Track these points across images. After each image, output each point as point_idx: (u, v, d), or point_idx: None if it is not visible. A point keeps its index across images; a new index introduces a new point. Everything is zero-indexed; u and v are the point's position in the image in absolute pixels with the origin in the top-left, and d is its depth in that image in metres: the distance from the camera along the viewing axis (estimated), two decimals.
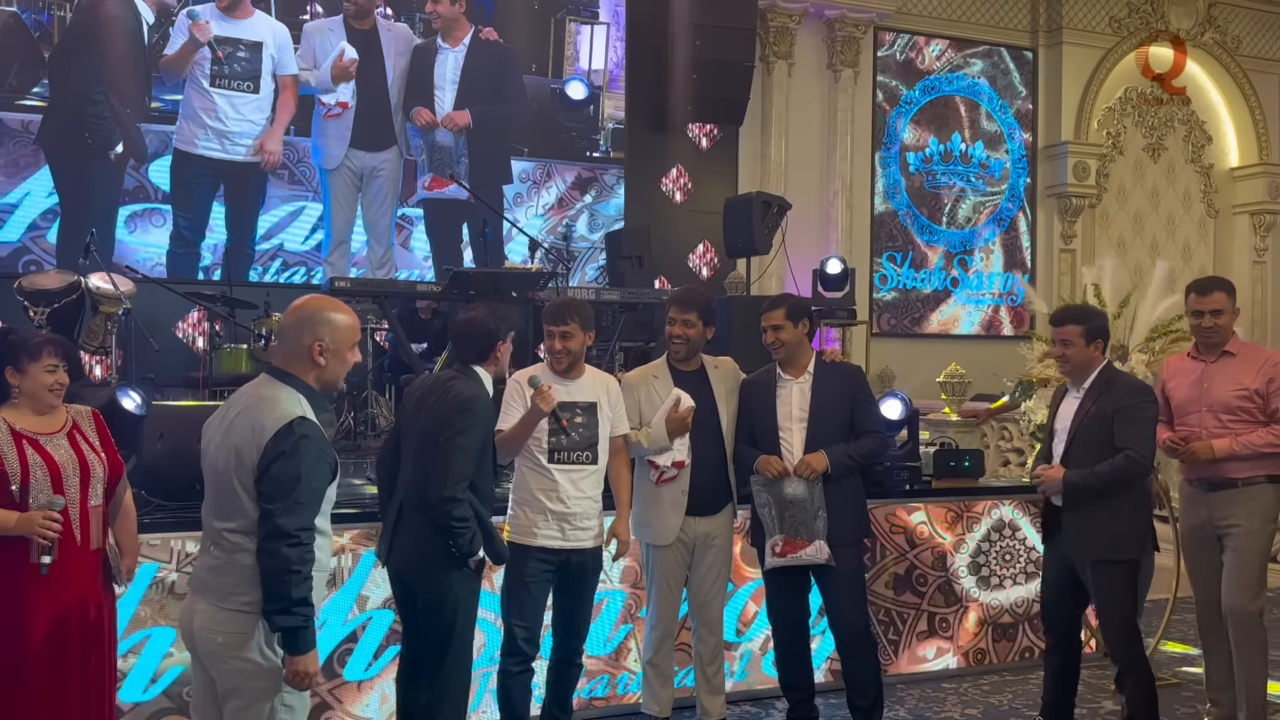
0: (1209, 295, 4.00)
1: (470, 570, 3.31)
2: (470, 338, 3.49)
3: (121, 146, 7.66)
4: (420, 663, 3.37)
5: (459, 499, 3.22)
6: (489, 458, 3.41)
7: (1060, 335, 3.90)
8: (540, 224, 8.91)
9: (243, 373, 6.49)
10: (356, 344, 2.72)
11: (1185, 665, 5.15)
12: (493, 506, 3.46)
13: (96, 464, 3.07)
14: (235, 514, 2.58)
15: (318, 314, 2.67)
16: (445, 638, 3.31)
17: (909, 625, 4.92)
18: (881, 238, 10.39)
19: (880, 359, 10.00)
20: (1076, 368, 3.90)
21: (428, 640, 3.34)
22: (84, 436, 3.09)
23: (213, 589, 2.60)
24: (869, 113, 10.31)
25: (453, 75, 8.64)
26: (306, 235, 8.31)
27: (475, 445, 3.29)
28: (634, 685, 4.40)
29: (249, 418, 2.59)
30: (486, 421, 3.40)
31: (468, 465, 3.25)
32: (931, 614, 4.97)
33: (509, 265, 5.62)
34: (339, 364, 2.67)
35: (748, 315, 5.70)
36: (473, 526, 3.25)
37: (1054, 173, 10.94)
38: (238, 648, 2.55)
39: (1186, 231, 11.59)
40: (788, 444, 3.91)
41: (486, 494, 3.40)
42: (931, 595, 4.97)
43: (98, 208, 7.61)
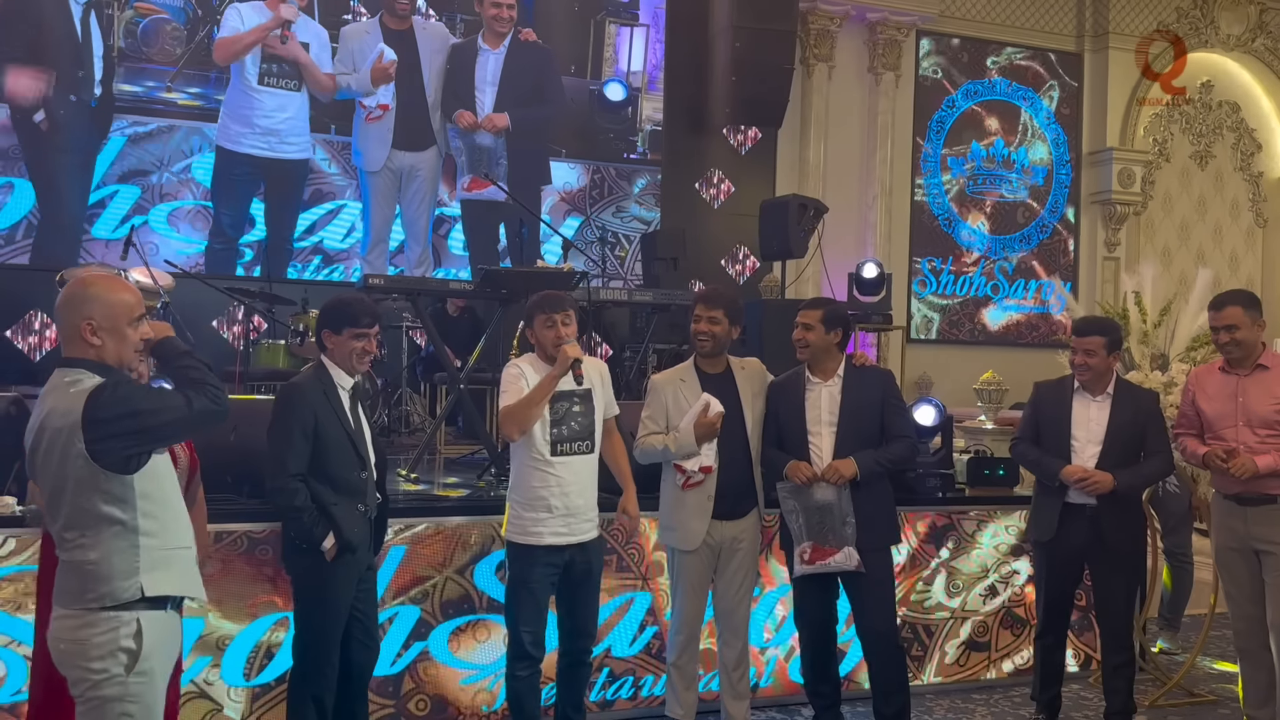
0: (1221, 310, 3.96)
1: (324, 558, 3.31)
2: (320, 319, 3.52)
3: (43, 114, 7.53)
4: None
5: (286, 488, 3.28)
6: (337, 447, 3.36)
7: (1085, 345, 4.07)
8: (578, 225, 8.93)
9: (280, 368, 6.58)
10: (139, 319, 2.54)
11: (1223, 682, 5.04)
12: (370, 498, 3.45)
13: (182, 455, 3.14)
14: (66, 513, 2.45)
15: (83, 293, 2.51)
16: (299, 625, 3.44)
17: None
18: (920, 242, 10.29)
19: (917, 365, 9.90)
20: (1097, 376, 4.09)
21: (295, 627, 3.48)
22: None
23: (61, 594, 2.49)
24: (910, 116, 10.22)
25: (493, 76, 8.69)
26: (345, 233, 8.39)
27: (291, 434, 3.29)
28: (659, 687, 4.39)
29: (56, 406, 2.43)
30: (299, 411, 3.32)
31: (288, 455, 3.28)
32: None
33: (540, 265, 5.63)
34: (118, 341, 2.51)
35: (782, 318, 5.67)
36: (308, 516, 3.28)
37: (1098, 179, 10.78)
38: (77, 655, 2.45)
39: (1234, 240, 11.37)
40: (816, 448, 3.87)
41: (347, 483, 3.37)
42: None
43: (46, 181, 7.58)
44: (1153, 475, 4.16)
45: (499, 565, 4.21)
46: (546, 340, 3.70)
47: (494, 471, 5.14)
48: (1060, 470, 4.07)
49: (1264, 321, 3.97)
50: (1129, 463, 4.03)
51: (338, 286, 8.05)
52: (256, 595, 3.90)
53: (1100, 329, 4.13)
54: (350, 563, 3.40)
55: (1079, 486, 4.04)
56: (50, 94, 7.56)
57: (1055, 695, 4.35)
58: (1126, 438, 4.04)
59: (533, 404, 3.60)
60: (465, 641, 4.17)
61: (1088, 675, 5.02)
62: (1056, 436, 4.14)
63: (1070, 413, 4.13)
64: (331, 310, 3.47)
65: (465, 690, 4.17)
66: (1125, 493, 4.03)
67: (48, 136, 7.55)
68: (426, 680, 4.12)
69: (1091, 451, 4.05)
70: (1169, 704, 4.69)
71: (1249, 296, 4.00)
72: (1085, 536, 4.07)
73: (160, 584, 2.49)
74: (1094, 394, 4.12)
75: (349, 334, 3.42)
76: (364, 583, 3.53)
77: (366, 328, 3.43)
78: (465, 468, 5.89)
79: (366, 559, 3.52)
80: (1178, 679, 4.81)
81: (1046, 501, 4.18)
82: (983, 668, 4.95)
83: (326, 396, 3.39)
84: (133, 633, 2.45)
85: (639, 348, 6.66)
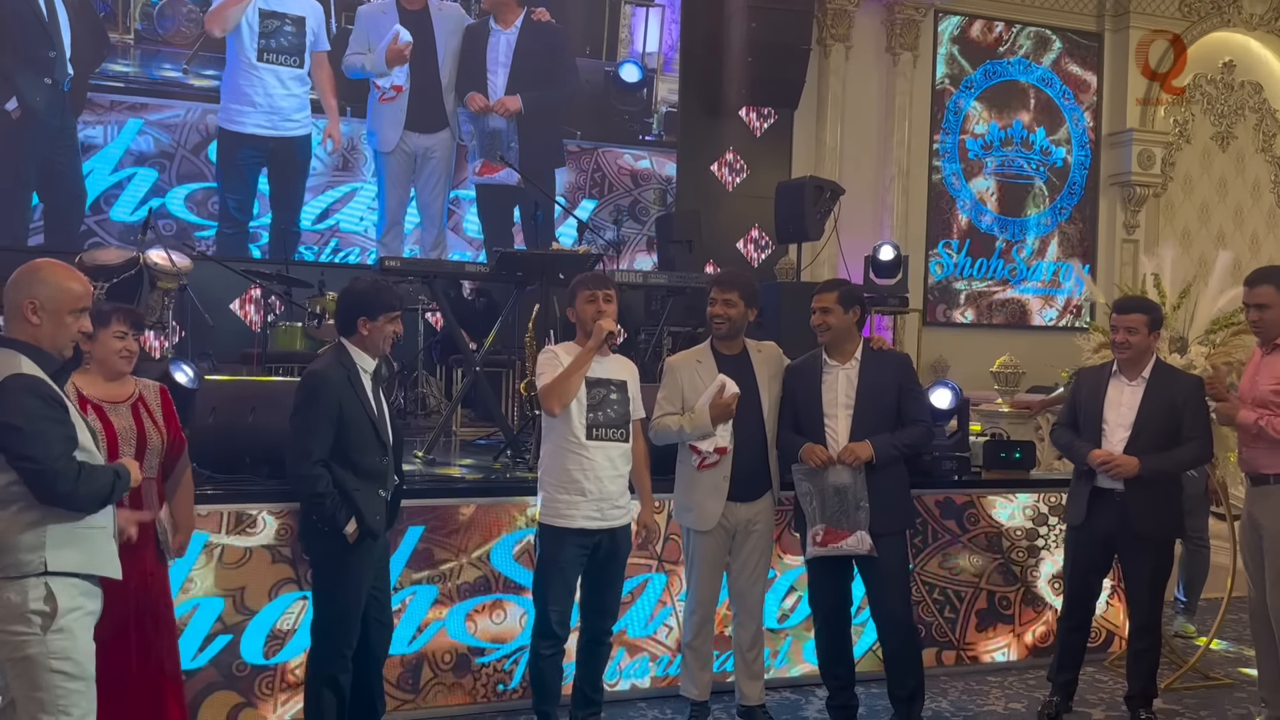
0: (1255, 288, 3.95)
1: (344, 542, 3.34)
2: (340, 307, 3.54)
3: (15, 102, 7.40)
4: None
5: (309, 475, 3.31)
6: (359, 432, 3.38)
7: (1126, 323, 4.04)
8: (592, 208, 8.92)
9: (297, 350, 6.61)
10: (81, 311, 2.65)
11: (1240, 666, 5.03)
12: (389, 481, 3.49)
13: (154, 436, 3.15)
14: None
15: (33, 274, 2.64)
16: (317, 607, 3.48)
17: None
18: (937, 224, 10.23)
19: (933, 348, 9.86)
20: (1137, 355, 4.06)
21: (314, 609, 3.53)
22: (147, 409, 3.19)
23: None
24: (928, 97, 10.14)
25: (505, 57, 8.66)
26: (361, 216, 8.40)
27: (316, 421, 3.32)
28: (674, 668, 4.41)
29: None
30: (324, 398, 3.34)
31: (312, 441, 3.31)
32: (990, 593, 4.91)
33: (556, 247, 5.62)
34: (55, 325, 2.61)
35: (798, 301, 5.65)
36: (330, 501, 3.31)
37: (1118, 161, 10.68)
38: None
39: (1255, 223, 11.25)
40: (833, 431, 3.87)
41: (370, 469, 3.41)
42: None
43: (18, 168, 7.47)
44: (1184, 461, 4.08)
45: (514, 547, 4.23)
46: (587, 316, 3.74)
47: (510, 454, 5.16)
48: (1087, 454, 4.06)
49: None
50: (1161, 448, 3.99)
51: (353, 269, 8.06)
52: (276, 576, 3.93)
53: (1142, 307, 4.12)
54: (370, 547, 3.42)
55: (1103, 470, 4.03)
56: (20, 80, 7.41)
57: (1072, 679, 4.35)
58: (1160, 423, 4.00)
59: (571, 375, 3.64)
60: (482, 621, 4.20)
61: (1103, 658, 5.02)
62: (1090, 420, 4.14)
63: (1104, 396, 4.12)
64: (367, 296, 3.47)
65: (482, 669, 4.20)
66: (1152, 478, 3.99)
67: (23, 124, 7.44)
68: (444, 659, 4.15)
69: (1120, 435, 4.04)
70: (1185, 687, 4.69)
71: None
72: (1113, 521, 4.05)
73: (66, 561, 2.56)
74: (1129, 378, 4.09)
75: (384, 319, 3.45)
76: (381, 559, 3.58)
77: (398, 309, 3.49)
78: (481, 450, 5.91)
79: (384, 541, 3.55)
80: (1193, 662, 4.80)
81: (1078, 486, 4.19)
82: (1007, 640, 4.94)
83: (350, 382, 3.41)
84: (42, 596, 2.53)
85: (654, 330, 6.66)
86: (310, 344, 6.58)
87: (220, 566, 3.86)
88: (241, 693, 3.89)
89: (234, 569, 3.88)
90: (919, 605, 4.69)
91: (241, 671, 3.89)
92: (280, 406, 3.95)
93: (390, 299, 3.47)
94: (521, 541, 4.23)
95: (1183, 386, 4.06)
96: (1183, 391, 4.04)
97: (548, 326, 5.07)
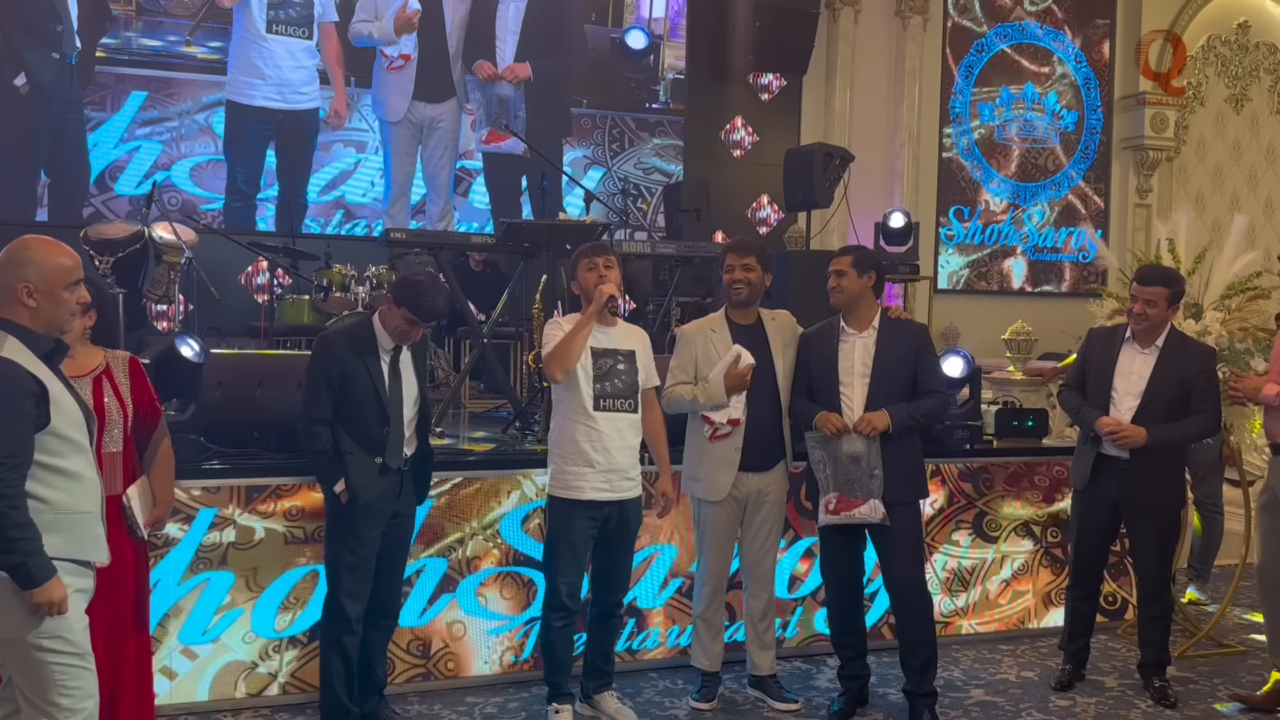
0: None
1: (337, 498, 3.46)
2: (392, 286, 3.64)
3: (24, 78, 7.41)
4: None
5: (311, 432, 3.47)
6: (360, 399, 3.45)
7: (1147, 294, 3.99)
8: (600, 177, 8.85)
9: (304, 323, 6.59)
10: (75, 284, 2.61)
11: (1253, 632, 5.01)
12: (392, 452, 3.49)
13: (115, 410, 3.06)
14: None
15: (22, 255, 2.58)
16: (326, 568, 3.62)
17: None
18: (949, 191, 10.13)
19: (944, 315, 9.79)
20: (1153, 326, 4.02)
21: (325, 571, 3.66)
22: (113, 382, 3.10)
23: None
24: (938, 61, 10.01)
25: (514, 24, 8.57)
26: (367, 188, 8.36)
27: (314, 381, 3.47)
28: (684, 638, 4.41)
29: None
30: (324, 361, 3.47)
31: (313, 401, 3.47)
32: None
33: (563, 217, 5.58)
34: (52, 305, 2.57)
35: (808, 270, 5.60)
36: (324, 459, 3.46)
37: (1131, 124, 10.55)
38: None
39: (1269, 186, 11.11)
40: (848, 400, 3.82)
41: (366, 435, 3.46)
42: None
43: (26, 143, 7.45)
44: (1192, 433, 4.03)
45: (525, 518, 4.22)
46: (588, 284, 3.70)
47: (519, 425, 5.14)
48: (1095, 421, 4.04)
49: None
50: (1170, 417, 3.96)
51: (360, 241, 8.03)
52: (286, 549, 3.93)
53: (1165, 279, 4.03)
54: (369, 511, 3.47)
55: (1110, 439, 4.00)
56: (28, 56, 7.37)
57: (1083, 647, 4.34)
58: (1170, 393, 3.96)
59: (573, 340, 3.61)
60: (492, 594, 4.20)
61: (1116, 625, 5.01)
62: (1099, 385, 4.11)
63: (1115, 363, 4.09)
64: (403, 286, 3.51)
65: (493, 641, 4.20)
66: (1158, 448, 3.96)
67: (32, 100, 7.40)
68: (455, 634, 4.15)
69: (1129, 404, 4.02)
70: (1198, 654, 4.67)
71: None
72: (1118, 488, 4.06)
73: (47, 546, 2.50)
74: (1142, 346, 4.05)
75: (403, 314, 3.48)
76: (393, 531, 3.59)
77: (419, 319, 3.49)
78: (490, 422, 5.90)
79: (390, 508, 3.55)
80: (1207, 629, 4.78)
81: (1083, 450, 4.19)
82: (1024, 608, 4.94)
83: (357, 350, 3.48)
84: None
85: (662, 300, 6.62)
86: (317, 317, 6.56)
87: (229, 543, 3.86)
88: (246, 654, 3.91)
89: (246, 548, 3.88)
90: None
91: (251, 642, 3.91)
92: (287, 380, 3.94)
93: (416, 304, 3.45)
94: (531, 514, 4.22)
95: (1195, 358, 4.01)
96: (1195, 363, 3.99)
97: (555, 298, 5.04)
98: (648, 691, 4.18)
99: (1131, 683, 4.32)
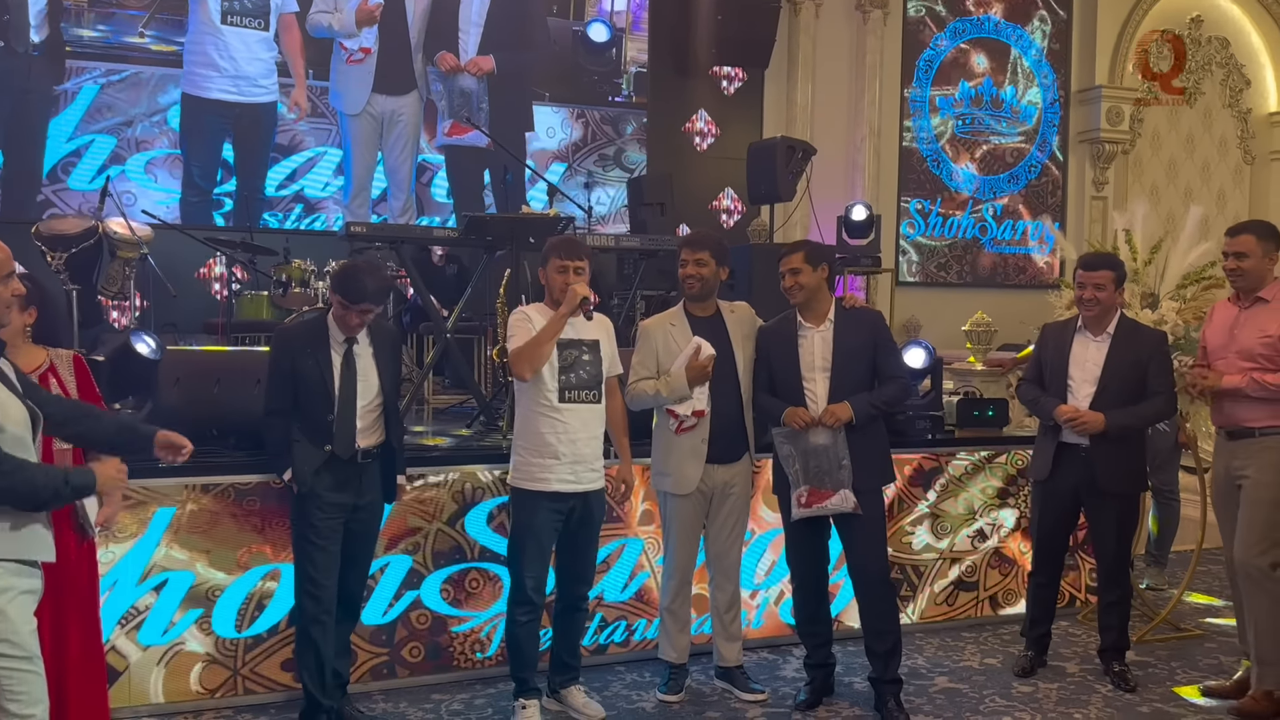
0: (1236, 237, 3.93)
1: (292, 489, 3.51)
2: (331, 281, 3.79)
3: None
4: None
5: (265, 423, 3.58)
6: (309, 389, 3.47)
7: (1093, 280, 4.07)
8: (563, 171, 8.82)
9: (263, 319, 6.50)
10: (6, 277, 2.56)
11: (1210, 616, 5.10)
12: (336, 440, 3.46)
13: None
14: None
15: None
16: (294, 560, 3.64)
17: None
18: (909, 183, 10.20)
19: (906, 307, 9.86)
20: (1104, 311, 4.10)
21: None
22: (59, 380, 3.05)
23: None
24: (898, 55, 10.07)
25: (478, 16, 8.50)
26: (327, 181, 8.26)
27: (270, 373, 3.55)
28: (651, 631, 4.41)
29: None
30: (277, 352, 3.56)
31: (269, 392, 3.56)
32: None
33: (526, 210, 5.55)
34: None
35: (771, 263, 5.59)
36: (273, 448, 3.55)
37: (1087, 118, 10.68)
38: None
39: (1222, 178, 11.31)
40: (812, 393, 3.84)
41: (313, 424, 3.48)
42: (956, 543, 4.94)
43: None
44: (1150, 416, 4.10)
45: (490, 514, 4.20)
46: (556, 284, 3.67)
47: (483, 420, 5.11)
48: (1053, 409, 4.09)
49: (1277, 255, 3.90)
50: (1127, 403, 4.02)
51: (320, 236, 7.94)
52: (246, 547, 3.88)
53: (1109, 263, 4.14)
54: (323, 501, 3.48)
55: (1069, 426, 4.06)
56: None
57: (1045, 633, 4.39)
58: (1125, 378, 4.03)
59: (543, 341, 3.59)
60: (457, 590, 4.17)
61: (1076, 612, 5.07)
62: (1056, 376, 4.18)
63: (1069, 352, 4.15)
64: (337, 273, 3.58)
65: (458, 637, 4.18)
66: (1118, 433, 4.02)
67: None
68: (420, 628, 4.12)
69: (1086, 391, 4.08)
70: (1156, 639, 4.75)
71: (1267, 227, 3.95)
72: (1079, 475, 4.11)
73: None
74: (1094, 334, 4.12)
75: (337, 299, 3.48)
76: (355, 526, 3.57)
77: (348, 302, 3.46)
78: (454, 418, 5.86)
79: (349, 501, 3.52)
80: (1165, 614, 4.86)
81: (1044, 441, 4.25)
82: (971, 608, 4.99)
83: (309, 342, 3.52)
84: None
85: (626, 294, 6.60)
86: (276, 313, 6.47)
87: (186, 541, 3.80)
88: (206, 653, 3.86)
89: (202, 541, 3.82)
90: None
91: (211, 640, 3.85)
92: (245, 377, 3.89)
93: (351, 292, 3.44)
94: (495, 508, 4.20)
95: (1147, 342, 4.09)
96: (1147, 346, 4.07)
97: (519, 291, 5.01)
98: (615, 685, 4.18)
99: (1092, 668, 4.38)
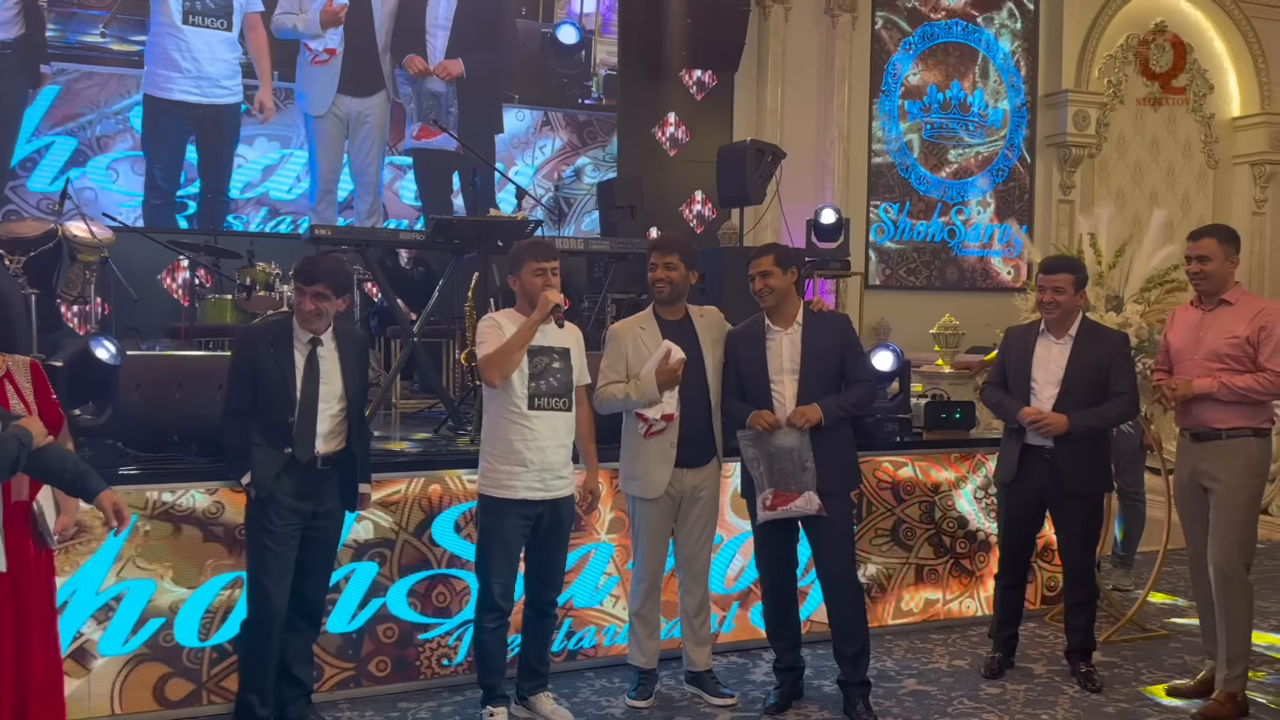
0: (1198, 240, 3.96)
1: (252, 495, 3.46)
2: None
3: None
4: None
5: (224, 424, 3.50)
6: (267, 389, 3.43)
7: (1053, 283, 4.11)
8: (532, 174, 8.78)
9: (227, 323, 6.42)
10: None
11: (1174, 616, 5.14)
12: (296, 442, 3.42)
13: (20, 414, 2.92)
14: None
15: None
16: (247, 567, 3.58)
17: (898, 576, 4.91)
18: (878, 188, 10.26)
19: (875, 310, 9.91)
20: (1065, 314, 4.13)
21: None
22: (16, 386, 2.98)
23: None
24: (867, 59, 10.13)
25: (445, 19, 8.45)
26: (292, 184, 8.18)
27: (231, 375, 3.50)
28: (620, 637, 4.39)
29: None
30: (236, 353, 3.51)
31: (230, 393, 3.50)
32: (919, 566, 4.95)
33: (494, 213, 5.51)
34: None
35: (741, 266, 5.58)
36: (231, 452, 3.49)
37: (1054, 122, 10.78)
38: None
39: (1186, 182, 11.45)
40: (780, 396, 3.84)
41: (271, 426, 3.43)
42: (920, 548, 4.94)
43: None
44: (1113, 417, 4.12)
45: (456, 520, 4.16)
46: (533, 287, 3.64)
47: (451, 425, 5.07)
48: (1017, 412, 4.11)
49: (1238, 259, 3.94)
50: (1090, 404, 4.05)
51: (285, 239, 7.85)
52: (208, 556, 3.82)
53: (1069, 266, 4.19)
54: (281, 506, 3.43)
55: (1033, 428, 4.08)
56: None
57: (1012, 635, 4.41)
58: (1087, 380, 4.05)
59: (515, 348, 3.56)
60: (424, 597, 4.13)
61: (1043, 613, 5.10)
62: (1019, 379, 4.20)
63: (1032, 355, 4.18)
64: (296, 266, 3.56)
65: (425, 645, 4.13)
66: (1081, 434, 4.04)
67: None
68: (386, 639, 4.07)
69: (1049, 393, 4.11)
70: (1122, 639, 4.78)
71: (1228, 231, 3.98)
72: (1044, 477, 4.13)
73: None
74: (1057, 336, 4.15)
75: (295, 290, 3.49)
76: (315, 533, 3.52)
77: (299, 282, 3.46)
78: (421, 422, 5.81)
79: (308, 507, 3.48)
80: (1130, 615, 4.89)
81: (1009, 444, 4.27)
82: (937, 613, 5.00)
83: (271, 342, 3.48)
84: None
85: (597, 298, 6.58)
86: (240, 317, 6.39)
87: (148, 549, 3.73)
88: (168, 663, 3.79)
89: (163, 549, 3.76)
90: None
91: (173, 650, 3.79)
92: (208, 382, 3.84)
93: (308, 270, 3.44)
94: (462, 515, 4.16)
95: (1108, 343, 4.12)
96: (1109, 348, 4.09)
97: (487, 295, 4.97)
98: (584, 691, 4.15)
99: (1059, 669, 4.40)
